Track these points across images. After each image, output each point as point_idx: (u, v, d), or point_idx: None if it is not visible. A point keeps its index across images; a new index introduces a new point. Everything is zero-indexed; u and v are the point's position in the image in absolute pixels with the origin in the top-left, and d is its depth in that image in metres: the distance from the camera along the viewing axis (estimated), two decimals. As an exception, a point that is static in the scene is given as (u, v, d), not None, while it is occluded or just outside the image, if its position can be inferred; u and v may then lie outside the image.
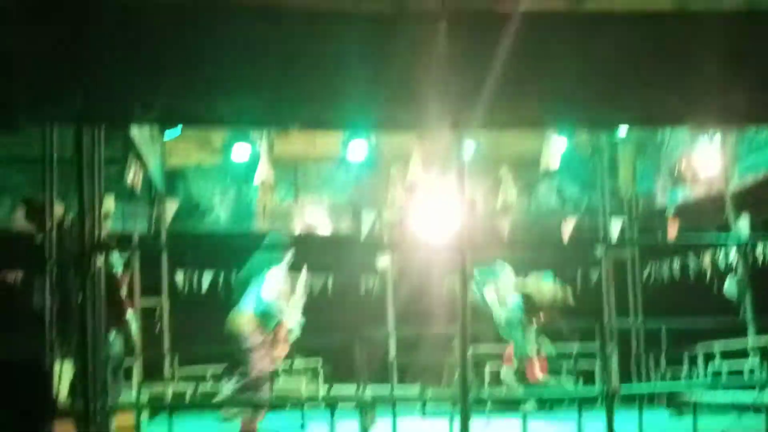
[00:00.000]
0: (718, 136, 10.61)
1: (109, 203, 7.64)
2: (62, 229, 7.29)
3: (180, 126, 10.90)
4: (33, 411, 2.62)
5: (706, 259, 11.68)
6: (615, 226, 12.37)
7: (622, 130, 11.84)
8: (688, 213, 11.82)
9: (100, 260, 6.78)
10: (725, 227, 10.65)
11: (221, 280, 12.80)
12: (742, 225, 10.31)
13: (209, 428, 9.03)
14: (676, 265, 12.31)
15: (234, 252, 12.65)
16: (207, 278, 12.83)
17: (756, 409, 9.52)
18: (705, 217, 11.39)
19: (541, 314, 10.32)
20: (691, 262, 12.01)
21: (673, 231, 11.85)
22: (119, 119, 6.87)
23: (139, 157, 9.66)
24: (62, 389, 6.90)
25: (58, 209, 7.33)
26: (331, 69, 6.48)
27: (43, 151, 7.08)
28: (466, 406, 6.89)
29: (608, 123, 9.10)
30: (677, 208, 12.05)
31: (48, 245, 7.06)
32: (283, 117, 7.05)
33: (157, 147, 11.48)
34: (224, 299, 11.74)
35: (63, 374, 6.83)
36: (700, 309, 10.40)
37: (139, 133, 9.55)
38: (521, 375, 10.25)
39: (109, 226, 8.41)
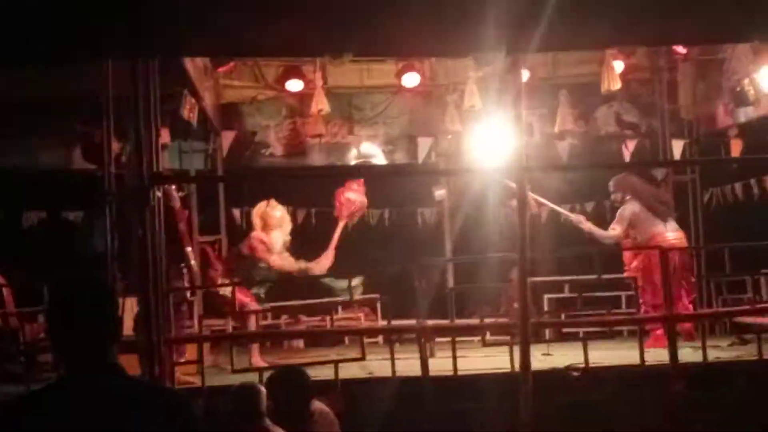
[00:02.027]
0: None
1: (165, 136, 7.66)
2: (120, 165, 7.34)
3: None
4: (99, 327, 2.60)
5: (769, 179, 11.45)
6: (676, 149, 12.16)
7: (682, 49, 11.59)
8: (751, 133, 11.57)
9: (158, 193, 6.81)
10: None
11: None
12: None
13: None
14: (739, 186, 12.05)
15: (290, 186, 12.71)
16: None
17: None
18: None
19: None
20: (754, 184, 11.74)
21: (735, 152, 11.62)
22: (172, 51, 6.85)
23: (193, 91, 9.66)
24: (126, 325, 7.00)
25: (115, 145, 7.37)
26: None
27: (98, 87, 7.11)
28: (527, 335, 6.88)
29: (669, 40, 8.90)
30: (739, 129, 11.81)
31: (107, 181, 7.11)
32: (335, 45, 6.98)
33: (210, 81, 11.48)
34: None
35: (126, 310, 6.93)
36: (762, 232, 10.21)
37: (193, 68, 9.54)
38: None
39: (165, 160, 8.46)
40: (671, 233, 10.01)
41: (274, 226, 9.61)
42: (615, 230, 10.01)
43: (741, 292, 10.71)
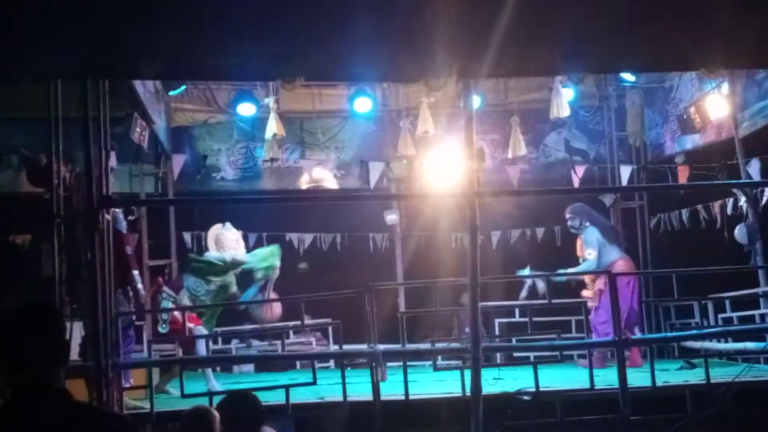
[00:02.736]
0: (725, 82, 10.47)
1: (112, 160, 7.58)
2: (68, 187, 7.25)
3: (183, 83, 10.91)
4: (46, 351, 2.57)
5: (716, 206, 11.53)
6: (624, 175, 12.30)
7: (630, 77, 11.76)
8: (698, 159, 11.72)
9: (107, 216, 6.74)
10: (735, 173, 10.54)
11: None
12: (752, 170, 10.22)
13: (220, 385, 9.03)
14: (686, 212, 12.17)
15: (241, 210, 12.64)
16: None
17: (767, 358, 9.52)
18: (714, 163, 11.27)
19: None
20: (701, 210, 11.86)
21: (682, 178, 11.76)
22: (123, 73, 6.80)
23: (144, 114, 9.61)
24: (73, 349, 6.91)
25: (62, 168, 7.28)
26: (335, 19, 6.38)
27: (47, 110, 7.03)
28: (478, 360, 6.88)
29: (618, 67, 9.02)
30: (686, 155, 11.97)
31: (55, 204, 7.03)
32: (287, 69, 6.97)
33: (162, 105, 11.42)
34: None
35: (73, 335, 6.82)
36: (710, 257, 10.33)
37: (144, 91, 9.48)
38: None
39: (112, 183, 8.37)
40: (627, 260, 10.47)
41: (228, 248, 9.50)
42: (592, 254, 10.21)
43: (689, 317, 10.82)
